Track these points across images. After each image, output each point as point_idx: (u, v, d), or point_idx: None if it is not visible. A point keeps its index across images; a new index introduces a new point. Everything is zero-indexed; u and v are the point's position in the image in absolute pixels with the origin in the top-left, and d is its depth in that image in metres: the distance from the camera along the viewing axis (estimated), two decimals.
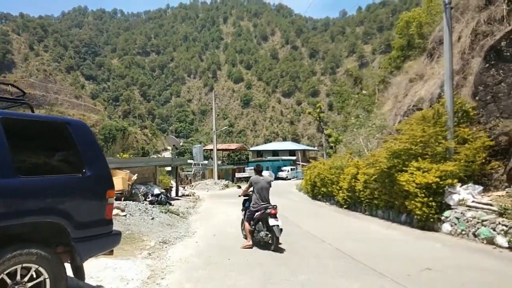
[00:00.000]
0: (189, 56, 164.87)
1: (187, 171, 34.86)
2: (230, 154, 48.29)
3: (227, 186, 28.83)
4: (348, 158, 13.12)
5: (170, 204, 13.11)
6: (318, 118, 23.48)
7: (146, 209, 9.33)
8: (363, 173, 10.24)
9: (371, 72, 33.66)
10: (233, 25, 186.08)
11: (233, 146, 47.80)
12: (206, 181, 29.40)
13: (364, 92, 23.01)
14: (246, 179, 27.48)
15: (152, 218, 8.73)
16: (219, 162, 41.17)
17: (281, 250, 6.02)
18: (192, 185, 27.55)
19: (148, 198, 12.57)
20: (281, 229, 6.04)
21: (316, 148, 65.31)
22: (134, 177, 12.52)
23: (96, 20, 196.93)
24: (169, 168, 64.71)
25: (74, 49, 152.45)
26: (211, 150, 31.08)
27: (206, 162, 36.37)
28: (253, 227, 6.38)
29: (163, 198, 12.84)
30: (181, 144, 19.63)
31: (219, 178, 30.23)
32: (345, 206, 12.07)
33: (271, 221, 5.96)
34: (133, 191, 12.44)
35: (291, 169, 43.44)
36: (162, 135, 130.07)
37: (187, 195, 19.33)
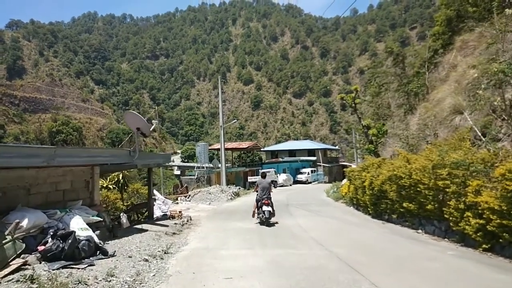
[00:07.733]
0: (198, 59, 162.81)
1: (189, 175, 30.17)
2: (242, 155, 43.75)
3: (237, 194, 21.31)
4: (467, 146, 7.29)
5: (104, 254, 5.90)
6: (353, 106, 19.10)
7: None
8: None
9: (415, 48, 29.20)
10: (242, 27, 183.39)
11: (245, 144, 41.07)
12: (209, 188, 21.98)
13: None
14: None
15: None
16: (229, 164, 35.79)
17: None
18: (188, 195, 19.79)
19: (47, 242, 5.48)
20: (271, 212, 10.11)
21: (338, 147, 60.00)
22: None
23: (105, 25, 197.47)
24: (177, 172, 59.92)
25: (84, 54, 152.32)
26: (219, 150, 26.46)
27: (211, 165, 30.62)
28: (257, 208, 10.41)
29: (83, 243, 5.61)
30: (153, 126, 12.76)
31: (228, 183, 24.37)
32: (485, 246, 6.04)
33: (263, 208, 10.04)
34: None
35: (312, 171, 38.55)
36: (172, 138, 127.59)
37: (169, 218, 11.42)
